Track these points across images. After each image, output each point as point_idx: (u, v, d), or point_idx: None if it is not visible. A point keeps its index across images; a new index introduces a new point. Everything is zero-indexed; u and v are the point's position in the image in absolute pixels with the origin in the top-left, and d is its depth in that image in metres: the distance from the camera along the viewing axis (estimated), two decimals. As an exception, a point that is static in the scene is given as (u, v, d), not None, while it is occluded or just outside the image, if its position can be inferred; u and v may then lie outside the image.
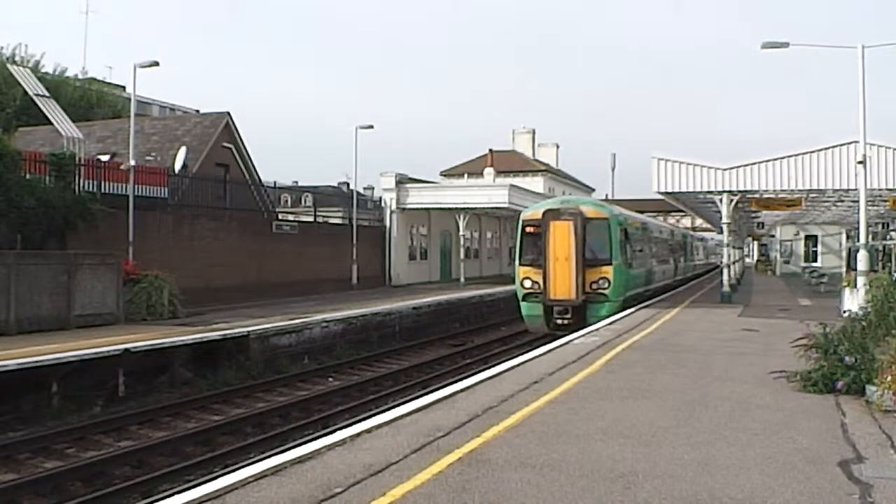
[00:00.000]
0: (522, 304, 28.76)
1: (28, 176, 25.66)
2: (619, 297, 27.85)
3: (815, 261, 61.15)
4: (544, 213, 27.83)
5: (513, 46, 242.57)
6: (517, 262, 28.97)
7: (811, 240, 63.24)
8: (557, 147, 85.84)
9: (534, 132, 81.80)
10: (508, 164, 68.82)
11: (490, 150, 65.10)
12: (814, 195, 36.45)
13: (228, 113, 43.10)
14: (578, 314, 26.82)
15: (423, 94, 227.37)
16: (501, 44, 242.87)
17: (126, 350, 19.15)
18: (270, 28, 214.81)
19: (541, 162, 78.58)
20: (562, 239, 27.02)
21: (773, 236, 71.26)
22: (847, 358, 12.63)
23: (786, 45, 27.06)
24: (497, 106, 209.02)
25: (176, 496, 7.82)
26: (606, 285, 27.33)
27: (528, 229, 28.65)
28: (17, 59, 52.69)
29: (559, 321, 27.00)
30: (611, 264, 27.55)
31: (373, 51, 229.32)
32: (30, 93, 32.11)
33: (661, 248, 41.01)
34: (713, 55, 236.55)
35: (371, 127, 43.05)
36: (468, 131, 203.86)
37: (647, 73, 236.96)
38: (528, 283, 28.13)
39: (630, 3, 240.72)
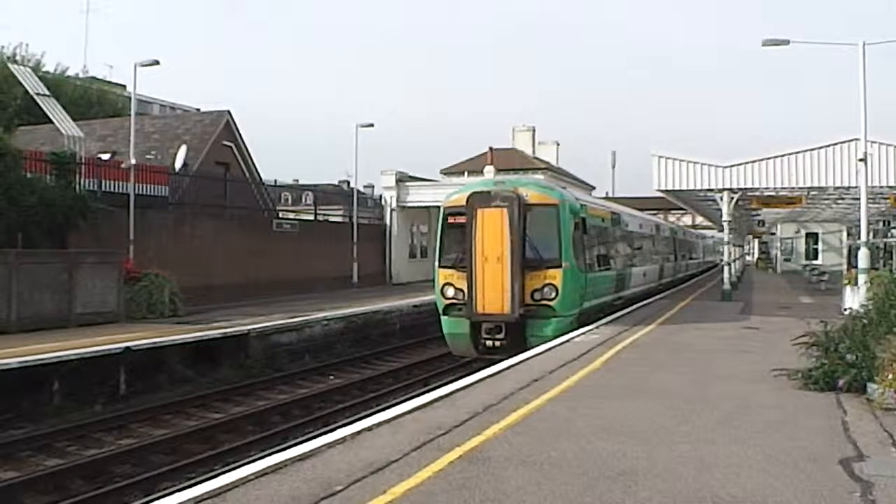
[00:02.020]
0: (443, 319, 22.10)
1: (29, 174, 25.67)
2: (570, 311, 21.44)
3: (816, 258, 61.12)
4: (469, 198, 20.93)
5: (513, 45, 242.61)
6: (436, 262, 22.27)
7: (812, 237, 63.20)
8: (558, 145, 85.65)
9: (534, 130, 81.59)
10: (508, 161, 68.64)
11: (490, 148, 64.95)
12: (814, 193, 36.48)
13: (229, 111, 43.13)
14: (515, 334, 20.46)
15: (424, 93, 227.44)
16: (501, 42, 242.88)
17: (127, 348, 19.17)
18: (271, 26, 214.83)
19: (541, 160, 78.37)
20: (492, 232, 20.35)
21: (773, 234, 71.21)
22: (848, 356, 12.63)
23: (786, 42, 27.02)
24: (497, 104, 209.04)
25: (177, 494, 7.83)
26: (553, 295, 20.65)
27: (450, 219, 21.94)
28: (17, 58, 52.69)
29: (489, 342, 20.65)
30: (559, 266, 20.79)
31: (373, 50, 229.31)
32: (31, 92, 32.13)
33: (640, 246, 34.54)
34: (713, 53, 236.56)
35: (371, 125, 43.07)
36: (468, 129, 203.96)
37: (648, 71, 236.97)
38: (449, 292, 21.50)
39: (631, 2, 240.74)
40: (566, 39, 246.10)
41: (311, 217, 47.68)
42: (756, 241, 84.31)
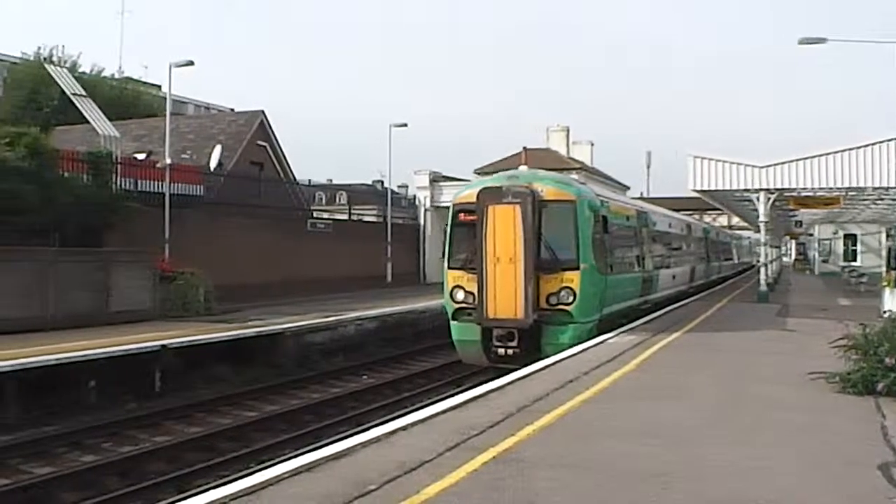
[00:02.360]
0: (452, 324, 20.45)
1: (65, 174, 25.94)
2: (589, 317, 19.85)
3: (855, 260, 60.51)
4: (480, 194, 19.37)
5: (547, 44, 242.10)
6: (445, 263, 20.69)
7: (850, 238, 62.60)
8: (592, 145, 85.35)
9: (568, 130, 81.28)
10: (542, 162, 68.16)
11: (524, 148, 64.56)
12: (853, 193, 36.04)
13: (263, 111, 43.38)
14: (529, 341, 18.87)
15: (458, 93, 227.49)
16: (535, 42, 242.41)
17: (162, 346, 19.29)
18: (306, 26, 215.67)
19: (575, 160, 78.04)
20: (504, 231, 18.77)
21: (811, 235, 70.54)
22: (888, 359, 12.43)
23: (823, 40, 26.80)
24: (532, 104, 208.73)
25: (211, 491, 7.84)
26: (570, 299, 19.06)
27: (460, 217, 20.44)
28: (54, 59, 53.19)
29: (501, 351, 19.06)
30: (577, 269, 19.19)
31: (407, 50, 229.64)
32: (67, 92, 32.45)
33: (670, 246, 32.44)
34: (749, 52, 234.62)
35: (405, 125, 43.14)
36: (502, 129, 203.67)
37: (684, 70, 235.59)
38: (459, 295, 19.92)
39: (669, 1, 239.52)
40: (602, 39, 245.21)
41: (345, 217, 47.87)
42: (793, 242, 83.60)
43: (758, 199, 32.69)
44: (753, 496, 7.48)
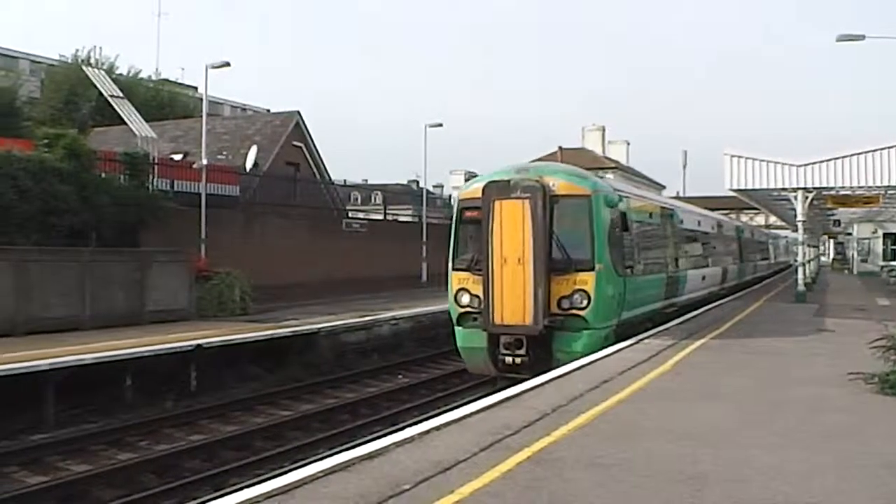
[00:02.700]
0: (457, 330, 18.92)
1: (103, 174, 26.16)
2: (606, 322, 18.16)
3: (894, 259, 59.76)
4: (486, 188, 17.75)
5: (582, 44, 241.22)
6: (450, 264, 19.17)
7: (890, 238, 61.80)
8: (628, 144, 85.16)
9: (603, 129, 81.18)
10: (578, 161, 68.16)
11: (559, 148, 64.82)
12: (892, 192, 35.59)
13: (298, 112, 43.54)
14: (539, 349, 17.34)
15: (493, 93, 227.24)
16: (570, 42, 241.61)
17: (198, 346, 19.41)
18: (340, 28, 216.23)
19: (611, 159, 77.90)
20: (512, 228, 17.17)
21: (849, 234, 69.82)
22: (928, 360, 12.30)
23: (861, 37, 26.43)
24: (567, 103, 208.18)
25: (246, 490, 7.85)
26: (584, 303, 17.39)
27: (466, 213, 18.89)
28: (92, 61, 53.74)
29: (508, 359, 17.47)
30: (592, 269, 17.52)
31: (442, 50, 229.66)
32: (104, 94, 32.76)
33: (699, 245, 30.58)
34: (785, 50, 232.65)
35: (440, 125, 43.12)
36: (538, 129, 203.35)
37: (719, 69, 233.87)
38: (464, 299, 18.37)
39: (703, 3, 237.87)
40: (636, 39, 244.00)
41: (381, 217, 47.91)
42: (831, 241, 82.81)
43: (795, 198, 32.36)
44: (790, 499, 7.40)
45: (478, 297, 17.79)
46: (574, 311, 17.37)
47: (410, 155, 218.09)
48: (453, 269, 18.80)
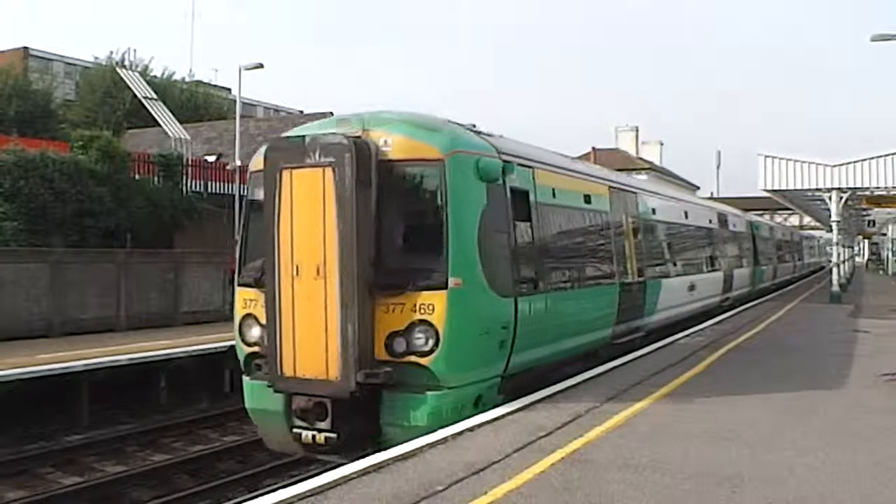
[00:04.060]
0: (244, 382, 11.85)
1: (137, 176, 26.37)
2: (469, 375, 10.99)
3: (930, 260, 59.15)
4: (269, 151, 10.93)
5: (616, 44, 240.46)
6: (236, 273, 12.34)
7: (925, 238, 61.20)
8: (661, 145, 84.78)
9: (637, 130, 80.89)
10: (611, 161, 67.89)
11: (593, 148, 64.64)
12: (929, 192, 35.25)
13: (332, 113, 43.55)
14: (355, 420, 10.61)
15: (526, 93, 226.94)
16: (606, 43, 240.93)
17: (231, 347, 19.45)
18: (374, 27, 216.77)
19: (644, 160, 77.59)
20: (307, 217, 10.39)
21: (884, 234, 69.19)
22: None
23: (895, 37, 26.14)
24: (601, 104, 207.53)
25: (280, 491, 7.88)
26: (429, 343, 10.41)
27: (256, 195, 11.64)
28: (126, 63, 54.09)
29: (305, 434, 10.64)
30: (444, 287, 10.41)
31: (477, 50, 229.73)
32: (139, 96, 33.09)
33: (682, 243, 23.01)
34: (819, 51, 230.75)
35: (474, 126, 43.01)
36: (571, 130, 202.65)
37: (754, 69, 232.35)
38: (252, 332, 11.44)
39: (736, 3, 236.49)
40: (669, 40, 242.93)
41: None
42: (866, 241, 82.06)
43: (829, 198, 32.12)
44: (827, 500, 7.35)
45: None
46: (413, 358, 10.48)
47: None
48: (238, 285, 11.93)
